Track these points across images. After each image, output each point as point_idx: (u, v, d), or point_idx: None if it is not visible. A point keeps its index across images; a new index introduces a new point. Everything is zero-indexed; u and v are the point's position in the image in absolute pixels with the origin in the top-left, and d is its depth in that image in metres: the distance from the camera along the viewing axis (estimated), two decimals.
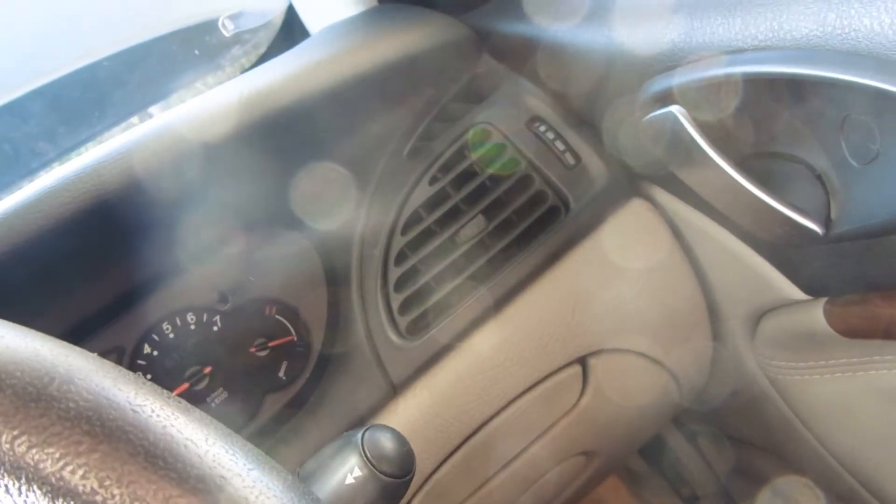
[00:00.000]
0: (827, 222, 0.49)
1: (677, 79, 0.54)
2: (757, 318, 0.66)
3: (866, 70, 0.41)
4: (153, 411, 0.26)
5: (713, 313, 0.73)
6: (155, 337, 0.62)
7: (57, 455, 0.23)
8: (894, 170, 0.43)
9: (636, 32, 0.57)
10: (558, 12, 0.67)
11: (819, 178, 0.50)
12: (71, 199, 0.55)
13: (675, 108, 0.53)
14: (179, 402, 0.28)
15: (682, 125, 0.53)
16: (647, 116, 0.57)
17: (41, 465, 0.23)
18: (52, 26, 1.04)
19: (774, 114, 0.50)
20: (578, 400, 0.71)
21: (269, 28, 1.07)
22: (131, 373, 0.28)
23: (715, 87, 0.51)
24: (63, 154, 1.05)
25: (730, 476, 0.98)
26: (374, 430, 0.43)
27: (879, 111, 0.42)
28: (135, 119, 1.08)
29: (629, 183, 0.70)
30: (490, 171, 0.68)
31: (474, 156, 0.69)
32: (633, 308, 0.69)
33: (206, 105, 0.62)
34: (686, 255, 0.70)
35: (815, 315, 0.56)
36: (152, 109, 1.11)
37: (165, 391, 0.28)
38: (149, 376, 0.61)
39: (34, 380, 0.25)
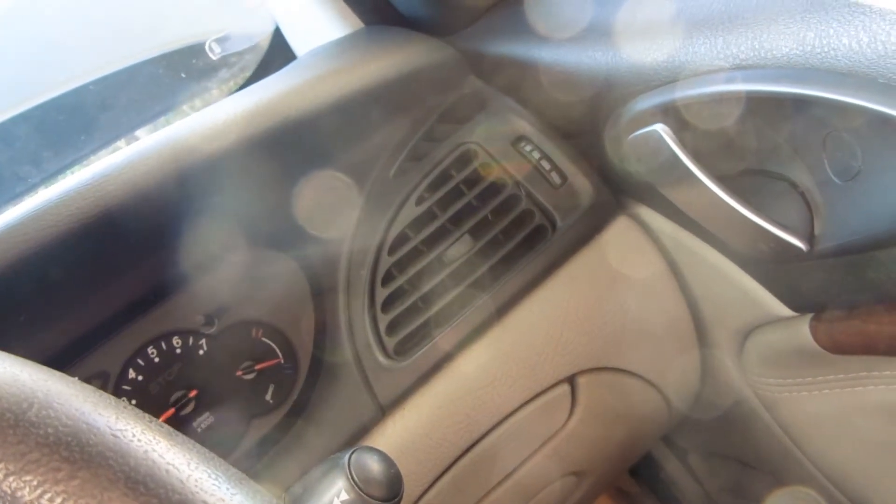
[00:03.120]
0: (811, 239, 0.49)
1: (661, 98, 0.54)
2: (744, 335, 0.66)
3: (846, 88, 0.41)
4: (134, 436, 0.26)
5: (701, 330, 0.73)
6: (140, 362, 0.61)
7: (35, 483, 0.23)
8: (876, 186, 0.44)
9: (620, 52, 0.58)
10: (543, 34, 0.67)
11: (802, 195, 0.50)
12: (55, 222, 0.55)
13: (659, 127, 0.54)
14: (162, 427, 0.27)
15: (666, 143, 0.53)
16: (632, 135, 0.57)
17: (18, 493, 0.23)
18: (37, 51, 1.04)
19: (757, 132, 0.51)
20: (567, 419, 0.71)
21: (256, 51, 1.08)
22: (113, 397, 0.28)
23: (698, 106, 0.52)
24: (48, 178, 1.05)
25: (721, 495, 0.98)
26: (361, 452, 0.42)
27: (860, 129, 0.42)
28: (121, 142, 1.08)
29: (615, 201, 0.70)
30: (476, 190, 0.68)
31: (460, 176, 0.69)
32: (620, 326, 0.69)
33: (190, 128, 0.62)
34: (672, 272, 0.70)
35: (802, 331, 0.56)
36: (139, 133, 1.10)
37: (147, 415, 0.28)
38: (133, 402, 0.60)
39: (12, 405, 0.24)
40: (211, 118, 0.62)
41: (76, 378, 0.28)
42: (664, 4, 0.55)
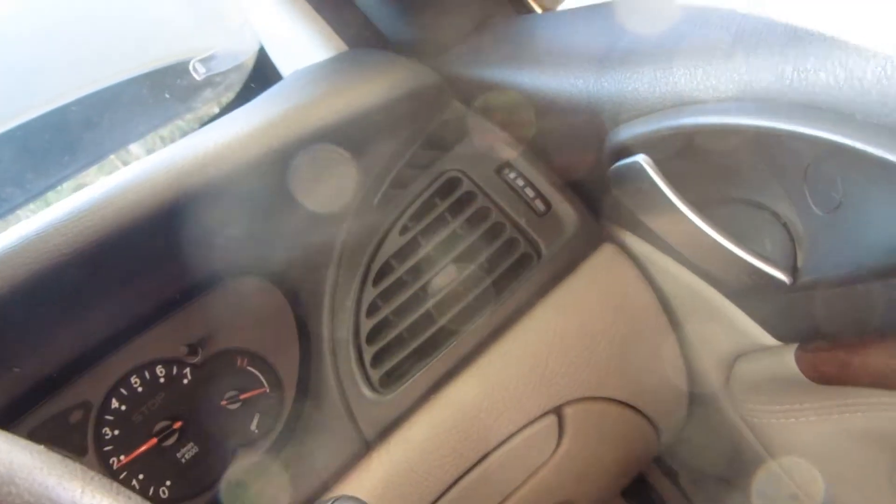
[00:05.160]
0: (794, 271, 0.49)
1: (642, 128, 0.54)
2: (731, 362, 0.66)
3: (825, 123, 0.41)
4: None
5: (688, 358, 0.73)
6: (123, 391, 0.61)
7: None
8: (857, 219, 0.44)
9: (601, 81, 0.57)
10: (525, 59, 0.67)
11: (785, 225, 0.50)
12: (35, 259, 0.54)
13: (640, 158, 0.54)
14: (130, 497, 0.27)
15: (647, 174, 0.53)
16: (614, 165, 0.57)
17: None
18: (20, 70, 1.03)
19: (739, 162, 0.50)
20: (555, 450, 0.70)
21: (241, 70, 1.07)
22: (80, 467, 0.27)
23: (679, 137, 0.52)
24: (31, 198, 1.04)
25: None
26: (342, 502, 0.42)
27: (839, 162, 0.42)
28: (112, 157, 1.07)
29: (600, 229, 0.70)
30: (460, 219, 0.68)
31: (445, 204, 0.68)
32: (606, 355, 0.69)
33: (171, 161, 0.61)
34: (658, 299, 0.70)
35: (787, 361, 0.56)
36: (131, 147, 1.10)
37: (115, 483, 0.27)
38: (116, 432, 0.60)
39: None
40: (192, 151, 0.62)
41: (42, 447, 0.27)
42: (644, 34, 0.55)
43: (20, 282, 0.53)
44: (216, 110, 1.09)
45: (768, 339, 0.59)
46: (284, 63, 0.96)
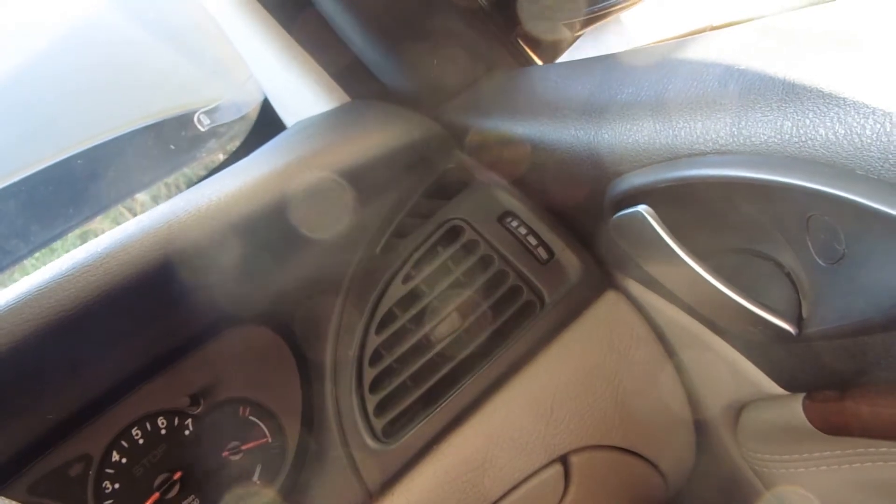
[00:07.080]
0: (799, 321, 0.49)
1: (643, 178, 0.55)
2: (737, 410, 0.65)
3: (824, 178, 0.41)
4: None
5: (694, 405, 0.72)
6: (124, 443, 0.60)
7: None
8: (861, 271, 0.44)
9: (601, 132, 0.58)
10: (526, 110, 0.68)
11: (788, 275, 0.50)
12: (36, 315, 0.54)
13: (642, 208, 0.54)
14: None
15: (650, 224, 0.53)
16: (616, 215, 0.57)
17: None
18: (24, 124, 1.05)
19: (740, 212, 0.51)
20: (561, 500, 0.69)
21: (245, 121, 1.09)
22: None
23: (680, 188, 0.52)
24: (35, 250, 1.04)
25: None
26: None
27: (841, 215, 0.43)
28: (119, 207, 1.08)
29: (603, 276, 0.70)
30: (463, 267, 0.68)
31: (447, 253, 0.69)
32: (612, 403, 0.68)
33: (173, 213, 0.62)
34: (664, 347, 0.70)
35: (795, 410, 0.55)
36: (138, 196, 1.11)
37: None
38: (117, 485, 0.59)
39: None
40: (193, 204, 0.62)
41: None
42: (644, 86, 0.56)
43: (22, 337, 0.53)
44: (221, 158, 1.10)
45: (775, 388, 0.58)
46: (287, 114, 0.97)
